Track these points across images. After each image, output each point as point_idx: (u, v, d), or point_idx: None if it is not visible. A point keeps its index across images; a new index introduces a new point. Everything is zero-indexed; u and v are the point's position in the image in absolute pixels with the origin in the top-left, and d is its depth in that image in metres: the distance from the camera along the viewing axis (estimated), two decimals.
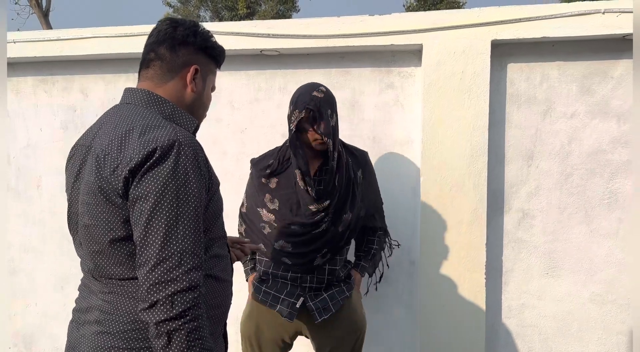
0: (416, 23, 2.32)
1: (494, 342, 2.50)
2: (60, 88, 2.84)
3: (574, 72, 2.35)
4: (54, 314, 2.96)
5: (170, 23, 1.31)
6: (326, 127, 1.83)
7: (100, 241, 1.16)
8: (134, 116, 1.19)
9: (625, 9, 2.20)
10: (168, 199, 1.07)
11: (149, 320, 1.05)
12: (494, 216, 2.43)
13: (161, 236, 1.06)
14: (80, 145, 1.27)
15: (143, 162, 1.08)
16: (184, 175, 1.09)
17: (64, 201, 2.88)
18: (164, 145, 1.09)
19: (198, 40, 1.31)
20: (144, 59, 1.32)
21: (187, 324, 1.05)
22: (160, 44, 1.29)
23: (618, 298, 2.39)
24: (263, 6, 25.34)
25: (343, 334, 1.98)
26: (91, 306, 1.22)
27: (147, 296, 1.05)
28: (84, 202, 1.17)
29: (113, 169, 1.11)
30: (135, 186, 1.08)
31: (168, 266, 1.05)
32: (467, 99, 2.32)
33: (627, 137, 2.33)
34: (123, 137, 1.13)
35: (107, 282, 1.19)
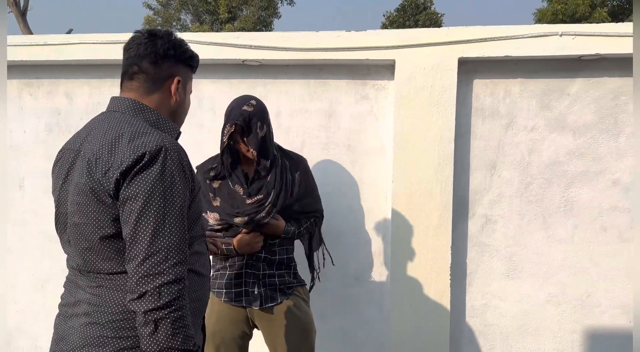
0: (389, 40, 2.48)
1: (459, 340, 2.65)
2: (45, 92, 2.91)
3: (534, 89, 2.53)
4: (34, 313, 3.01)
5: (149, 36, 1.39)
6: (254, 140, 1.99)
7: (90, 238, 1.25)
8: (123, 123, 1.29)
9: (580, 32, 2.39)
10: (156, 200, 1.17)
11: (138, 309, 1.15)
12: (459, 221, 2.59)
13: (149, 232, 1.16)
14: (68, 149, 1.36)
15: (133, 165, 1.18)
16: (170, 177, 1.20)
17: (46, 202, 2.94)
18: (152, 150, 1.19)
19: (178, 53, 1.41)
20: (127, 71, 1.39)
21: (173, 313, 1.15)
22: (143, 58, 1.37)
23: (572, 299, 2.57)
24: (244, 11, 25.40)
25: (289, 332, 2.09)
26: (79, 299, 1.30)
27: (136, 288, 1.15)
28: (74, 202, 1.26)
29: (105, 171, 1.20)
30: (125, 187, 1.18)
31: (156, 260, 1.16)
32: (436, 112, 2.48)
33: (581, 149, 2.52)
34: (113, 142, 1.23)
35: (95, 276, 1.28)
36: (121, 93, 1.41)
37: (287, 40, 2.56)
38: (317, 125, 2.69)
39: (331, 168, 2.66)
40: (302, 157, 2.25)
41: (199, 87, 2.66)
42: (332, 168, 2.66)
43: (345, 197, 2.65)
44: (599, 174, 2.52)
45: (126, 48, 1.41)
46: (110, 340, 1.23)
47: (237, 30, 23.88)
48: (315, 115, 2.69)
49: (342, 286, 2.67)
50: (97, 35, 2.71)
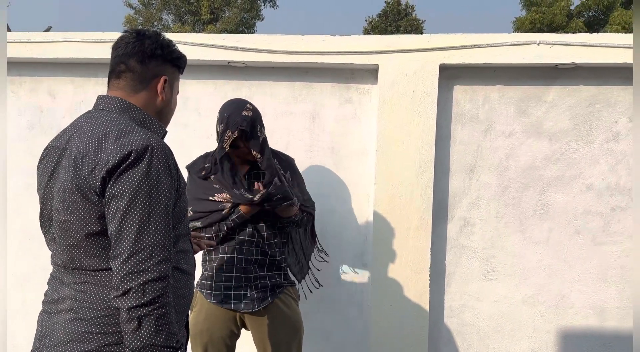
0: (373, 45, 2.53)
1: (437, 340, 2.71)
2: (27, 89, 2.89)
3: (513, 96, 2.61)
4: (13, 313, 2.97)
5: (137, 36, 1.41)
6: (256, 143, 2.03)
7: (75, 235, 1.26)
8: (109, 122, 1.30)
9: (557, 41, 2.48)
10: (141, 198, 1.19)
11: (122, 306, 1.17)
12: (439, 223, 2.66)
13: (135, 230, 1.18)
14: (54, 147, 1.37)
15: (119, 163, 1.20)
16: (156, 176, 1.22)
17: (27, 200, 2.92)
18: (138, 148, 1.21)
19: (165, 53, 1.43)
20: (114, 69, 1.41)
21: (156, 310, 1.17)
22: (130, 56, 1.38)
23: (547, 300, 2.65)
24: (227, 13, 25.32)
25: (278, 330, 2.11)
26: (63, 296, 1.31)
27: (121, 284, 1.17)
28: (60, 200, 1.27)
29: (91, 169, 1.22)
30: (111, 185, 1.20)
31: (140, 258, 1.17)
32: (417, 116, 2.54)
33: (557, 155, 2.61)
34: (100, 141, 1.24)
35: (80, 273, 1.29)
36: (108, 91, 1.42)
37: (273, 43, 2.59)
38: (301, 128, 2.72)
39: (314, 170, 2.70)
40: (289, 157, 2.29)
41: (184, 88, 2.67)
42: (316, 170, 2.70)
43: (328, 198, 2.69)
44: (574, 179, 2.61)
45: (114, 47, 1.42)
46: (95, 336, 1.24)
47: (219, 31, 23.79)
48: (300, 117, 2.72)
49: (324, 286, 2.71)
50: (82, 34, 2.71)
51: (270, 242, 2.12)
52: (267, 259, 2.11)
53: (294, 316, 2.15)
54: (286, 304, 2.14)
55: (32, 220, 2.91)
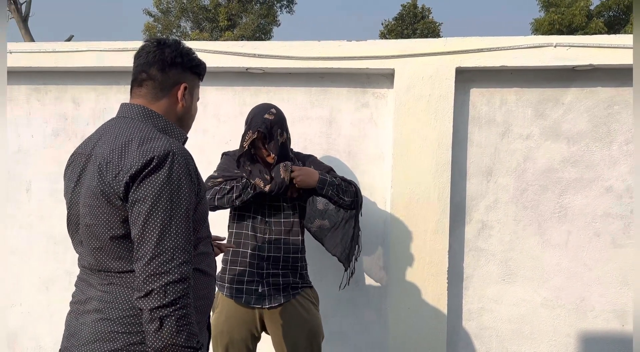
0: (389, 49, 2.56)
1: (455, 343, 2.71)
2: (52, 97, 2.97)
3: (530, 98, 2.61)
4: (38, 315, 3.05)
5: (157, 44, 1.44)
6: (275, 146, 2.11)
7: (101, 238, 1.30)
8: (132, 128, 1.34)
9: (574, 43, 2.47)
10: (163, 202, 1.23)
11: (144, 307, 1.20)
12: (456, 226, 2.66)
13: (157, 233, 1.22)
14: (80, 153, 1.42)
15: (142, 169, 1.24)
16: (177, 181, 1.26)
17: (51, 205, 3.00)
18: (160, 154, 1.25)
19: (185, 61, 1.46)
20: (136, 78, 1.44)
21: (178, 311, 1.20)
22: (151, 65, 1.42)
23: (567, 303, 2.63)
24: (244, 19, 25.55)
25: (296, 333, 2.12)
26: (90, 297, 1.35)
27: (143, 286, 1.20)
28: (86, 205, 1.31)
29: (115, 175, 1.26)
30: (134, 190, 1.24)
31: (162, 260, 1.21)
32: (434, 120, 2.56)
33: (575, 157, 2.60)
34: (123, 147, 1.29)
35: (106, 275, 1.33)
36: (131, 99, 1.47)
37: (290, 49, 2.63)
38: (318, 132, 2.76)
39: None
40: (311, 155, 2.35)
41: (203, 94, 2.73)
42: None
43: None
44: (593, 181, 2.59)
45: (136, 56, 1.47)
46: (120, 335, 1.28)
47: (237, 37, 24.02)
48: (317, 122, 2.76)
49: (341, 289, 2.73)
50: (104, 43, 2.78)
51: (285, 238, 2.16)
52: (280, 256, 2.14)
53: (313, 320, 2.16)
54: (304, 307, 2.15)
55: (57, 225, 2.99)
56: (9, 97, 3.02)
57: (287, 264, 2.16)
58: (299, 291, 2.17)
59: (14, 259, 3.06)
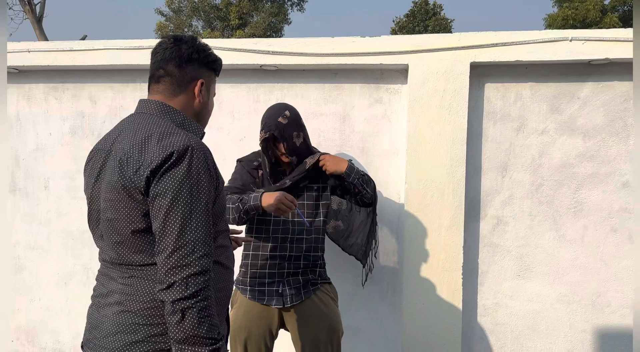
0: (403, 45, 2.56)
1: (470, 339, 2.71)
2: (70, 95, 3.02)
3: (545, 93, 2.59)
4: (57, 310, 3.11)
5: (174, 41, 1.46)
6: (289, 148, 2.12)
7: (122, 233, 1.33)
8: (151, 124, 1.36)
9: (590, 37, 2.45)
10: (183, 196, 1.25)
11: (166, 299, 1.23)
12: (471, 221, 2.66)
13: (177, 227, 1.24)
14: (100, 149, 1.44)
15: (162, 164, 1.26)
16: (197, 175, 1.27)
17: (69, 202, 3.05)
18: (179, 149, 1.27)
19: (201, 57, 1.47)
20: (153, 74, 1.47)
21: (199, 303, 1.22)
22: (168, 61, 1.44)
23: (582, 299, 2.62)
24: (255, 17, 25.62)
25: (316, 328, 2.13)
26: (111, 290, 1.38)
27: (165, 278, 1.23)
28: (107, 199, 1.34)
29: (135, 169, 1.28)
30: (155, 184, 1.26)
31: (183, 253, 1.23)
32: (448, 115, 2.55)
33: (591, 152, 2.58)
34: (143, 142, 1.31)
35: (127, 268, 1.35)
36: (149, 95, 1.49)
37: (304, 46, 2.64)
38: (331, 128, 2.77)
39: None
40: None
41: (218, 91, 2.76)
42: None
43: None
44: (609, 176, 2.57)
45: (153, 52, 1.48)
46: (142, 327, 1.30)
47: (248, 36, 24.08)
48: (330, 118, 2.77)
49: (356, 284, 2.74)
50: (121, 41, 2.81)
51: (307, 237, 2.15)
52: (301, 255, 2.14)
53: (332, 315, 2.17)
54: (324, 302, 2.16)
55: (75, 221, 3.04)
56: (27, 95, 3.07)
57: (308, 263, 2.17)
58: (319, 286, 2.18)
59: (32, 254, 3.11)
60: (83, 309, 3.07)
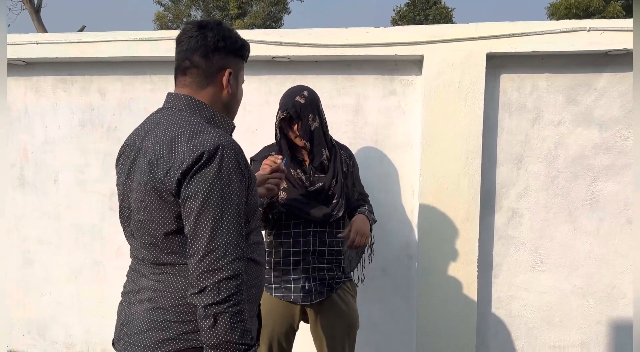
0: (418, 36, 2.52)
1: (485, 331, 2.70)
2: (78, 88, 2.98)
3: (561, 84, 2.56)
4: (68, 304, 3.10)
5: (199, 28, 1.39)
6: (304, 130, 2.05)
7: (154, 235, 1.29)
8: (180, 122, 1.32)
9: (608, 27, 2.42)
10: (214, 198, 1.21)
11: (198, 303, 1.20)
12: (486, 214, 2.64)
13: (209, 230, 1.20)
14: (130, 145, 1.40)
15: (193, 165, 1.22)
16: (227, 175, 1.23)
17: (79, 195, 3.02)
18: (210, 149, 1.22)
19: (228, 45, 1.40)
20: (179, 65, 1.41)
21: (231, 308, 1.19)
22: (194, 51, 1.37)
23: (597, 291, 2.61)
24: (254, 7, 25.43)
25: (335, 325, 2.13)
26: (142, 287, 1.35)
27: (197, 283, 1.20)
28: (138, 200, 1.30)
29: (166, 171, 1.24)
30: (185, 186, 1.22)
31: (215, 257, 1.20)
32: (463, 107, 2.52)
33: (607, 143, 2.56)
34: (173, 142, 1.26)
35: (159, 266, 1.33)
36: (176, 88, 1.44)
37: (316, 37, 2.60)
38: (344, 120, 2.74)
39: (359, 162, 2.68)
40: (347, 147, 2.32)
41: None
42: (360, 162, 2.68)
43: (372, 190, 2.69)
44: (625, 168, 2.55)
45: (178, 41, 1.41)
46: (173, 324, 1.28)
47: (247, 25, 23.92)
48: (343, 110, 2.74)
49: (369, 277, 2.72)
50: (130, 33, 2.77)
51: (329, 231, 2.12)
52: (325, 249, 2.11)
53: (351, 313, 2.16)
54: (344, 300, 2.14)
55: (85, 215, 3.02)
56: (35, 88, 3.03)
57: (332, 258, 2.14)
58: (341, 284, 2.16)
59: (42, 249, 3.10)
60: (94, 303, 3.07)
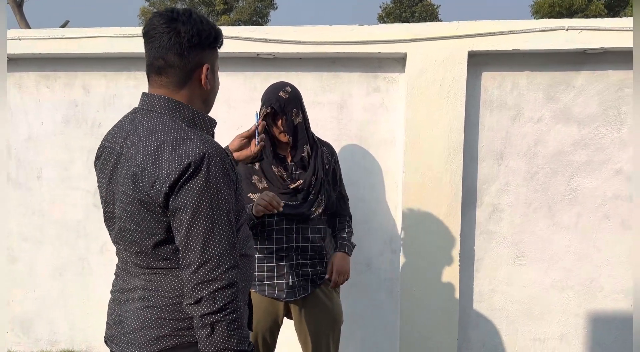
0: (401, 34, 2.55)
1: (466, 324, 2.76)
2: (62, 84, 2.96)
3: (541, 81, 2.62)
4: (52, 301, 3.09)
5: (169, 24, 1.29)
6: (287, 125, 2.08)
7: (143, 244, 1.29)
8: (161, 128, 1.26)
9: (586, 26, 2.47)
10: (204, 208, 1.20)
11: (195, 313, 1.20)
12: (468, 209, 2.69)
13: (201, 241, 1.19)
14: (108, 148, 1.35)
15: (179, 177, 1.20)
16: (216, 184, 1.22)
17: (62, 192, 3.01)
18: (196, 160, 1.20)
19: (203, 39, 1.33)
20: (152, 63, 1.33)
21: (228, 316, 1.20)
22: (168, 50, 1.29)
23: (576, 284, 2.68)
24: (240, 2, 25.32)
25: (319, 321, 2.15)
26: (134, 286, 1.34)
27: (192, 294, 1.20)
28: (123, 209, 1.28)
29: (152, 184, 1.21)
30: (174, 198, 1.20)
31: (209, 267, 1.19)
32: (446, 104, 2.56)
33: (586, 140, 2.62)
34: (156, 152, 1.23)
35: (151, 269, 1.32)
36: (151, 88, 1.37)
37: (301, 34, 2.62)
38: (329, 117, 2.76)
39: (343, 159, 2.73)
40: (330, 144, 2.34)
41: None
42: (345, 158, 2.73)
43: (356, 186, 2.73)
44: (603, 164, 2.61)
45: (147, 36, 1.33)
46: (168, 322, 1.28)
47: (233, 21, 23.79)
48: (328, 107, 2.76)
49: (354, 272, 2.75)
50: (114, 29, 2.76)
51: (312, 227, 2.14)
52: (308, 245, 2.14)
53: (335, 308, 2.19)
54: (327, 296, 2.17)
55: (69, 211, 3.01)
56: (18, 84, 3.01)
57: (315, 254, 2.16)
58: (324, 280, 2.18)
59: (26, 245, 3.08)
60: (78, 300, 3.06)
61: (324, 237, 2.20)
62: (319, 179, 2.13)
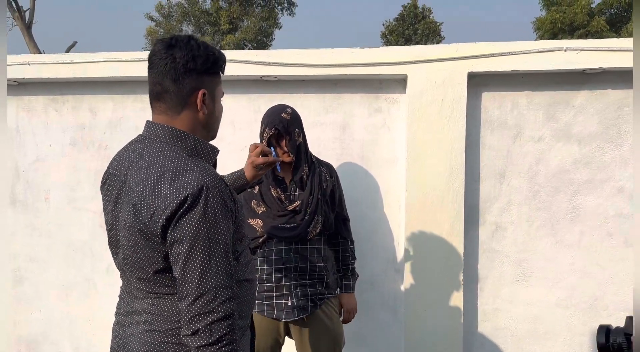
0: (401, 56, 2.60)
1: (471, 344, 2.75)
2: (70, 107, 3.03)
3: (541, 101, 2.65)
4: (58, 322, 3.10)
5: (167, 50, 1.32)
6: (291, 145, 2.16)
7: (144, 271, 1.31)
8: (163, 158, 1.29)
9: (584, 47, 2.51)
10: (201, 241, 1.22)
11: (192, 345, 1.22)
12: (470, 228, 2.70)
13: (197, 273, 1.21)
14: (113, 175, 1.38)
15: (177, 209, 1.22)
16: (213, 217, 1.23)
17: (70, 213, 3.05)
18: (193, 192, 1.21)
19: (198, 65, 1.33)
20: (152, 90, 1.36)
21: (224, 348, 1.22)
22: (164, 75, 1.31)
23: (580, 302, 2.67)
24: (246, 22, 25.64)
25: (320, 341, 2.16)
26: (137, 309, 1.36)
27: (189, 325, 1.22)
28: (125, 237, 1.31)
29: (150, 215, 1.24)
30: (171, 230, 1.23)
31: (206, 300, 1.21)
32: (446, 124, 2.60)
33: (587, 159, 2.64)
34: (156, 183, 1.24)
35: (154, 294, 1.34)
36: (153, 116, 1.39)
37: (304, 57, 2.68)
38: (332, 137, 2.80)
39: (345, 178, 2.75)
40: (331, 165, 2.39)
41: None
42: (347, 178, 2.75)
43: (359, 205, 2.75)
44: (604, 182, 2.63)
45: (149, 62, 1.36)
46: (171, 345, 1.30)
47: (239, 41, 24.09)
48: (330, 127, 2.80)
49: (357, 291, 2.75)
50: (121, 54, 2.83)
51: (310, 247, 2.17)
52: (307, 266, 2.16)
53: (336, 328, 2.20)
54: (328, 315, 2.18)
55: (75, 232, 3.05)
56: (27, 107, 3.08)
57: (314, 274, 2.18)
58: (325, 300, 2.20)
59: (33, 266, 3.11)
60: (84, 320, 3.08)
61: (324, 257, 2.22)
62: (315, 199, 2.16)
